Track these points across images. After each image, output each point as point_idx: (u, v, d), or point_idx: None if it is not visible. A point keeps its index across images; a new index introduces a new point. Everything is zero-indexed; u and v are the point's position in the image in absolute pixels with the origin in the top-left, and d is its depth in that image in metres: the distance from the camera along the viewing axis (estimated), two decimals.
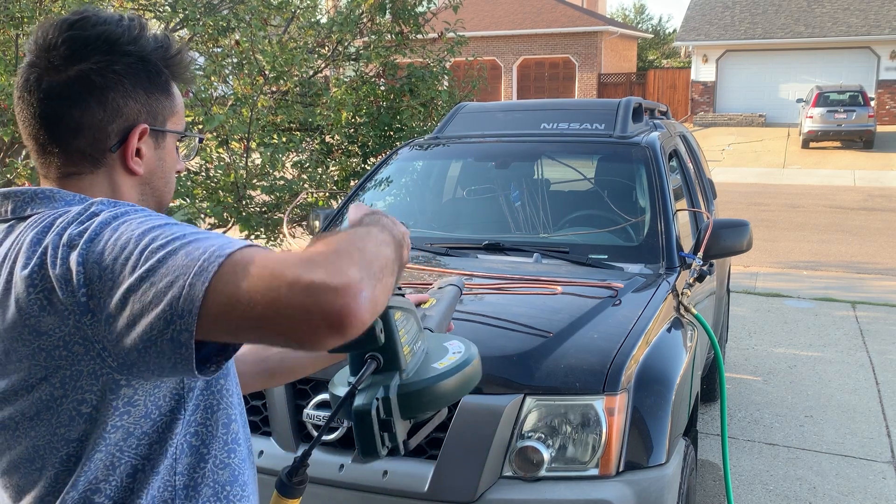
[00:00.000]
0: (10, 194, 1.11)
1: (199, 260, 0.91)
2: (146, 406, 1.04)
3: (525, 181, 4.02)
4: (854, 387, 5.41)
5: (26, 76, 1.13)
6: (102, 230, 0.98)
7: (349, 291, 0.87)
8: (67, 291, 0.96)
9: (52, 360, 1.00)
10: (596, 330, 2.58)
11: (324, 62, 7.54)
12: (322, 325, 0.87)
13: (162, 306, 0.91)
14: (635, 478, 2.30)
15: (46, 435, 1.04)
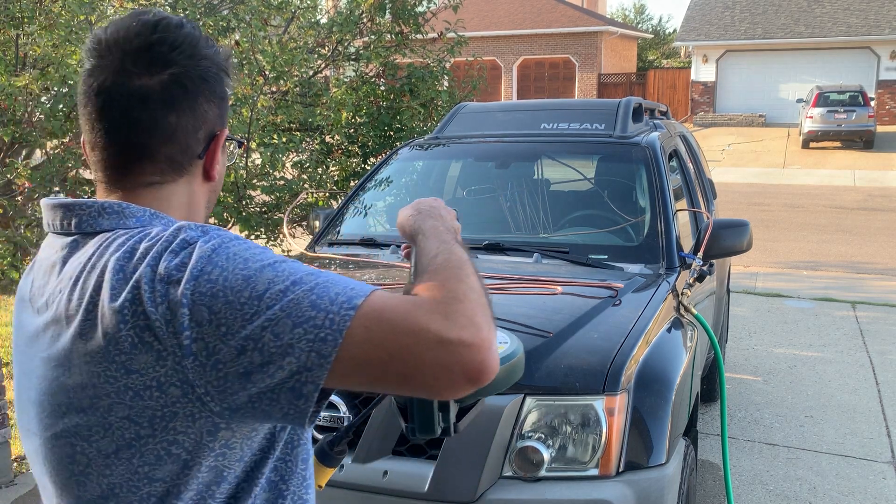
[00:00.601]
0: (75, 207, 1.05)
1: (328, 312, 0.89)
2: (242, 449, 1.00)
3: (525, 181, 4.02)
4: (854, 387, 5.41)
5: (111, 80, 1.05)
6: (205, 266, 0.93)
7: (484, 346, 0.89)
8: (168, 332, 0.92)
9: (140, 401, 0.94)
10: (596, 330, 2.58)
11: (324, 62, 7.54)
12: (461, 380, 0.88)
13: (288, 359, 0.89)
14: (635, 478, 2.30)
15: (126, 473, 0.98)
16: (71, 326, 0.98)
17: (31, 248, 5.61)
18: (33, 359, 1.05)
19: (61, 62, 5.25)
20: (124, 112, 1.05)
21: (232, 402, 0.93)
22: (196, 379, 0.92)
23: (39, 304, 1.06)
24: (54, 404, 1.00)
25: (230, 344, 0.90)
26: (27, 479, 3.98)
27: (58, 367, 0.99)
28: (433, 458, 2.33)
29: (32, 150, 6.79)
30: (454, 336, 0.88)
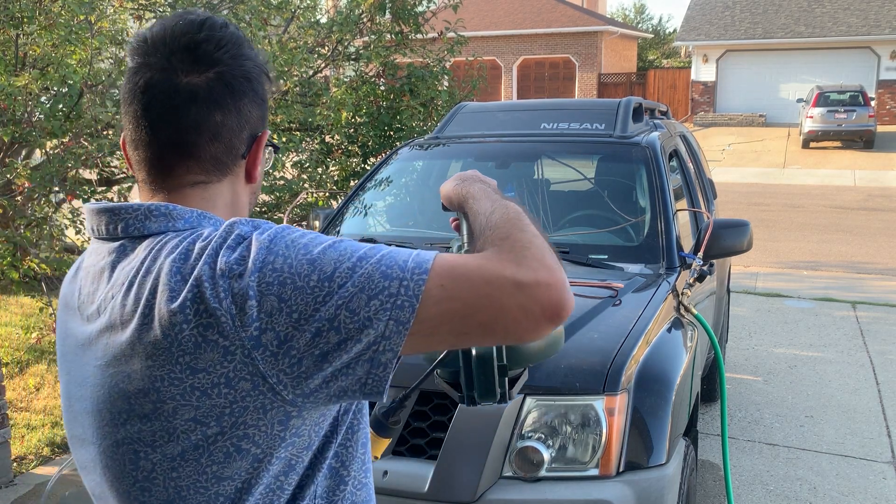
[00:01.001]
0: (121, 211, 1.03)
1: (401, 280, 0.90)
2: (310, 436, 1.01)
3: (525, 181, 4.02)
4: (854, 387, 5.40)
5: (157, 78, 1.03)
6: (266, 256, 0.92)
7: (559, 284, 0.92)
8: (235, 326, 0.91)
9: (208, 399, 0.94)
10: (596, 330, 2.58)
11: (324, 62, 7.54)
12: (542, 319, 0.91)
13: (367, 331, 0.90)
14: (635, 478, 2.30)
15: (193, 475, 0.98)
16: (127, 331, 0.97)
17: (31, 248, 5.61)
18: (86, 367, 1.03)
19: (61, 62, 5.25)
20: (170, 110, 1.03)
21: (306, 387, 0.93)
22: (267, 369, 0.92)
23: (90, 311, 1.04)
24: (114, 412, 0.99)
25: (304, 329, 0.90)
26: (27, 479, 3.98)
27: (116, 375, 0.98)
28: (433, 458, 2.33)
29: (32, 150, 6.79)
30: (530, 278, 0.90)
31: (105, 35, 5.84)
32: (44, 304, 5.79)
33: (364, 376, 0.92)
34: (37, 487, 3.89)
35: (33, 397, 4.95)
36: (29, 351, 5.66)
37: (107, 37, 5.87)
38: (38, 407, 4.80)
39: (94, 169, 5.62)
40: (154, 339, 0.94)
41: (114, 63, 5.64)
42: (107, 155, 5.31)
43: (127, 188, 5.90)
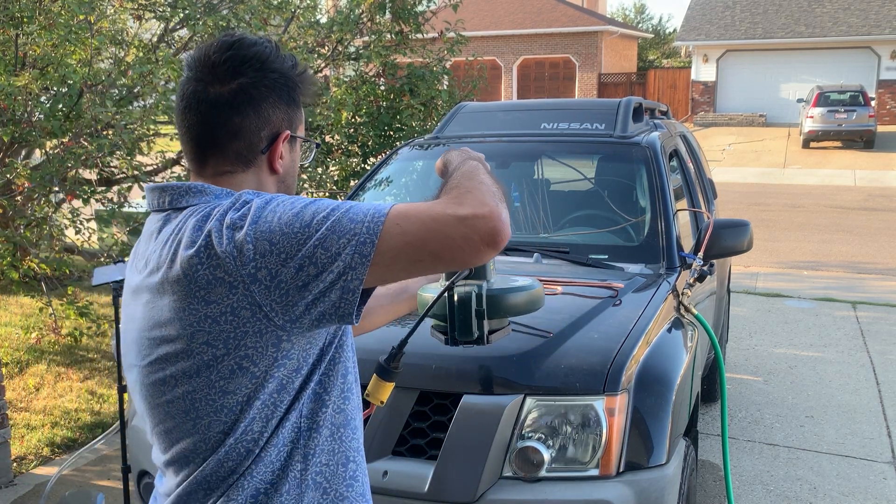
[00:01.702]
0: (168, 188, 1.31)
1: (364, 221, 1.14)
2: (298, 360, 1.24)
3: (525, 181, 4.01)
4: (854, 387, 5.40)
5: (193, 88, 1.31)
6: (262, 213, 1.17)
7: (494, 215, 1.13)
8: (237, 265, 1.15)
9: (217, 326, 1.19)
10: (596, 330, 2.58)
11: (324, 62, 7.54)
12: (482, 245, 1.12)
13: (339, 263, 1.13)
14: (635, 478, 2.29)
15: (205, 388, 1.22)
16: (159, 273, 1.23)
17: (31, 248, 5.60)
18: (136, 307, 1.30)
19: (61, 62, 5.25)
20: (200, 114, 1.30)
21: (293, 313, 1.17)
22: (262, 300, 1.16)
23: (140, 264, 1.31)
24: (150, 338, 1.26)
25: (290, 265, 1.14)
26: (27, 479, 3.98)
27: (153, 309, 1.25)
28: (433, 458, 2.32)
29: (32, 150, 6.79)
30: (469, 213, 1.13)
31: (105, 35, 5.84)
32: (44, 304, 5.79)
33: (337, 301, 1.15)
34: (37, 487, 3.89)
35: (33, 397, 4.95)
36: (29, 351, 5.66)
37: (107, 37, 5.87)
38: (38, 407, 4.80)
39: (94, 169, 5.62)
40: (177, 277, 1.20)
41: (114, 63, 5.64)
42: (107, 155, 5.31)
43: (127, 188, 5.89)
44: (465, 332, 1.37)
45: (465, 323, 1.37)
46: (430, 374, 2.40)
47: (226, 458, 1.25)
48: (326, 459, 1.30)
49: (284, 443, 1.26)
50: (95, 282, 3.31)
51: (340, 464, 1.33)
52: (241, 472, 1.26)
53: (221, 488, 1.26)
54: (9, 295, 7.23)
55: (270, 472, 1.26)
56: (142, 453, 2.85)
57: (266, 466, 1.26)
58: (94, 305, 5.95)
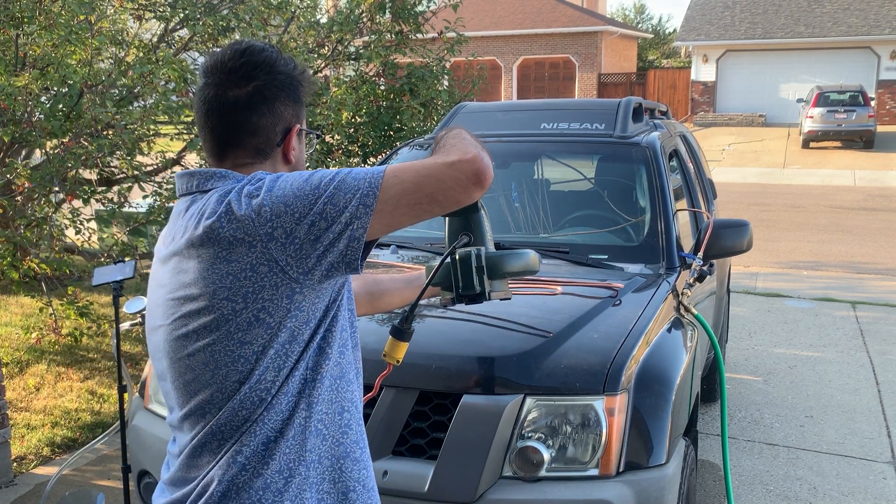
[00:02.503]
0: (196, 173, 1.47)
1: (365, 178, 1.32)
2: (307, 313, 1.38)
3: (525, 181, 4.01)
4: (854, 387, 5.40)
5: (213, 93, 1.46)
6: (275, 183, 1.34)
7: (476, 159, 1.34)
8: (255, 226, 1.32)
9: (237, 282, 1.33)
10: (596, 330, 2.58)
11: (324, 62, 7.54)
12: (469, 184, 1.33)
13: (345, 214, 1.30)
14: (635, 478, 2.30)
15: (224, 340, 1.36)
16: (185, 237, 1.39)
17: (31, 248, 5.60)
18: (163, 275, 1.45)
19: (61, 62, 5.25)
20: (221, 115, 1.46)
21: (306, 265, 1.33)
22: (279, 255, 1.32)
23: (168, 239, 1.47)
24: (175, 298, 1.40)
25: (303, 223, 1.31)
26: (27, 479, 3.98)
27: (180, 273, 1.40)
28: (433, 458, 2.33)
29: (32, 150, 6.79)
30: (455, 158, 1.33)
31: (105, 35, 5.84)
32: (44, 304, 5.79)
33: (344, 249, 1.32)
34: (37, 487, 3.89)
35: (33, 397, 4.95)
36: (29, 351, 5.66)
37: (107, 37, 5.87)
38: (38, 407, 4.80)
39: (94, 169, 5.62)
40: (201, 241, 1.36)
41: (114, 63, 5.63)
42: (107, 155, 5.31)
43: (127, 188, 5.89)
44: (468, 286, 1.53)
45: (467, 278, 1.52)
46: (430, 374, 2.40)
47: (240, 406, 1.38)
48: (326, 408, 1.43)
49: (293, 392, 1.39)
50: (95, 282, 3.31)
51: (337, 412, 1.45)
52: (253, 419, 1.38)
53: (235, 436, 1.39)
54: (9, 295, 7.23)
55: (279, 420, 1.38)
56: (142, 453, 2.85)
57: (276, 414, 1.38)
58: (95, 305, 5.95)
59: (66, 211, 5.45)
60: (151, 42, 6.98)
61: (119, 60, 5.57)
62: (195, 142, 5.43)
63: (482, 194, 1.36)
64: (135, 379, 4.79)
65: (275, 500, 1.38)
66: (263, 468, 1.38)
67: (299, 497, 1.40)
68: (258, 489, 1.38)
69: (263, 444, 1.38)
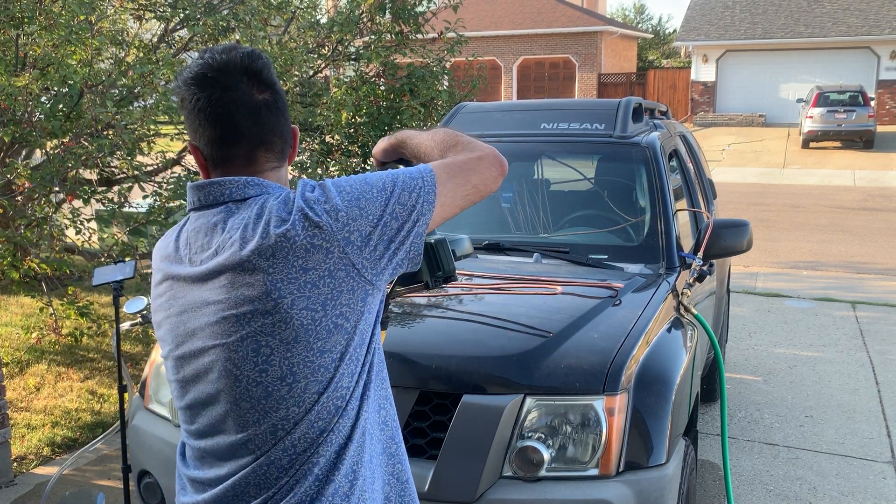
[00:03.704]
0: (225, 183, 1.41)
1: (421, 177, 1.43)
2: (369, 314, 1.41)
3: (525, 181, 4.02)
4: (854, 387, 5.41)
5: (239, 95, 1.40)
6: (339, 188, 1.38)
7: (493, 152, 1.54)
8: (333, 230, 1.33)
9: (316, 289, 1.33)
10: (596, 330, 2.58)
11: (324, 62, 7.54)
12: (499, 174, 1.53)
13: (413, 214, 1.39)
14: (635, 478, 2.30)
15: (304, 351, 1.34)
16: (247, 248, 1.33)
17: (31, 248, 5.60)
18: (203, 294, 1.38)
19: (61, 62, 5.24)
20: (254, 117, 1.41)
21: (379, 266, 1.38)
22: (356, 259, 1.35)
23: (204, 256, 1.39)
24: (238, 315, 1.34)
25: (377, 224, 1.36)
26: (27, 479, 3.99)
27: (239, 287, 1.34)
28: (433, 458, 2.33)
29: (32, 150, 6.79)
30: (480, 154, 1.53)
31: (105, 35, 5.84)
32: (44, 304, 5.79)
33: (409, 246, 1.40)
34: (37, 487, 3.89)
35: (33, 397, 4.95)
36: (29, 351, 5.66)
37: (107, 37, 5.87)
38: (38, 407, 4.80)
39: (94, 169, 5.62)
40: (272, 250, 1.32)
41: (114, 63, 5.63)
42: (107, 155, 5.31)
43: (127, 188, 5.89)
44: (450, 269, 1.70)
45: (448, 262, 1.70)
46: (430, 374, 2.40)
47: (317, 418, 1.36)
48: (372, 407, 1.46)
49: (359, 396, 1.40)
50: (96, 282, 3.31)
51: (376, 410, 1.48)
52: (329, 429, 1.37)
53: (311, 449, 1.36)
54: (9, 295, 7.24)
55: (349, 425, 1.39)
56: (142, 453, 2.86)
57: (347, 420, 1.39)
58: (95, 305, 5.95)
59: (67, 211, 5.45)
60: (151, 42, 6.98)
61: (119, 60, 5.57)
62: None
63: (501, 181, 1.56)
64: (135, 379, 4.79)
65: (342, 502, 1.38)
66: (334, 474, 1.37)
67: (361, 498, 1.40)
68: (329, 495, 1.37)
69: (336, 453, 1.38)
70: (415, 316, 2.78)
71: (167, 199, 5.43)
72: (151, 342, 5.96)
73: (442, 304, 2.90)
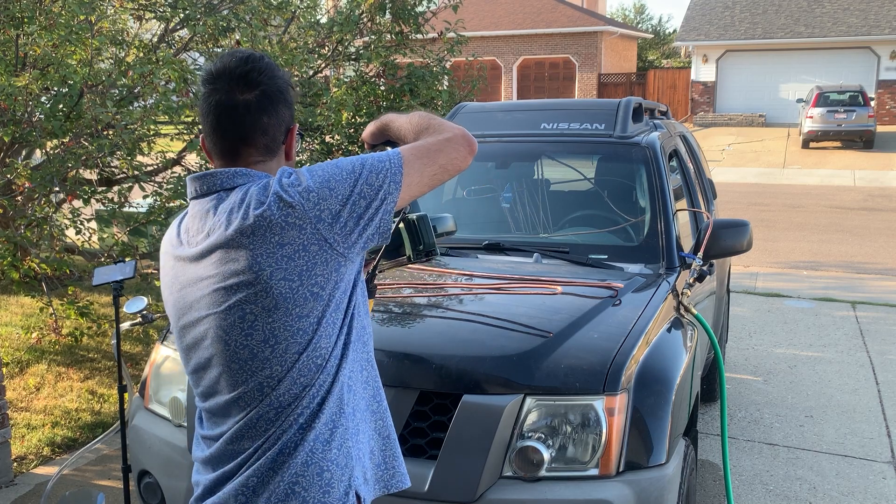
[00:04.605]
0: (217, 174, 1.59)
1: (389, 159, 1.57)
2: (347, 282, 1.57)
3: (525, 181, 4.02)
4: (854, 387, 5.41)
5: (224, 97, 1.59)
6: (312, 173, 1.53)
7: (461, 132, 1.66)
8: (304, 209, 1.49)
9: (291, 262, 1.49)
10: (596, 330, 2.58)
11: (324, 62, 7.54)
12: (467, 154, 1.65)
13: (380, 192, 1.53)
14: (635, 478, 2.30)
15: (284, 317, 1.51)
16: (231, 228, 1.52)
17: (31, 248, 5.60)
18: (199, 270, 1.57)
19: (61, 62, 5.24)
20: (233, 118, 1.59)
21: (350, 240, 1.53)
22: (327, 234, 1.51)
23: (199, 238, 1.58)
24: (227, 287, 1.53)
25: (346, 203, 1.51)
26: (27, 479, 3.99)
27: (228, 262, 1.52)
28: (433, 458, 2.33)
29: (32, 150, 6.79)
30: (450, 135, 1.65)
31: (105, 35, 5.84)
32: (44, 304, 5.78)
33: (379, 222, 1.55)
34: (37, 487, 3.89)
35: (33, 397, 4.95)
36: (29, 351, 5.66)
37: (107, 37, 5.87)
38: (38, 407, 4.80)
39: (95, 169, 5.61)
40: (253, 230, 1.50)
41: (114, 63, 5.63)
42: (107, 155, 5.31)
43: (127, 188, 5.89)
44: (431, 244, 1.80)
45: (429, 236, 1.80)
46: (430, 374, 2.40)
47: (299, 374, 1.53)
48: (353, 365, 1.61)
49: (338, 355, 1.57)
50: (96, 282, 3.31)
51: (360, 369, 1.64)
52: (311, 384, 1.54)
53: (294, 402, 1.54)
54: (9, 295, 7.24)
55: (329, 380, 1.56)
56: (142, 453, 2.86)
57: (328, 376, 1.56)
58: (95, 305, 5.95)
59: (67, 211, 5.45)
60: (151, 42, 6.97)
61: (119, 60, 5.57)
62: (195, 142, 5.43)
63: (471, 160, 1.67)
64: (135, 379, 4.79)
65: (324, 448, 1.56)
66: (315, 423, 1.55)
67: (343, 445, 1.58)
68: (310, 440, 1.55)
69: (318, 405, 1.55)
70: (415, 316, 2.78)
71: (167, 199, 5.43)
72: (151, 342, 5.96)
73: (442, 304, 2.90)
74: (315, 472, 1.55)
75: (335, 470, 1.57)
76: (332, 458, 1.57)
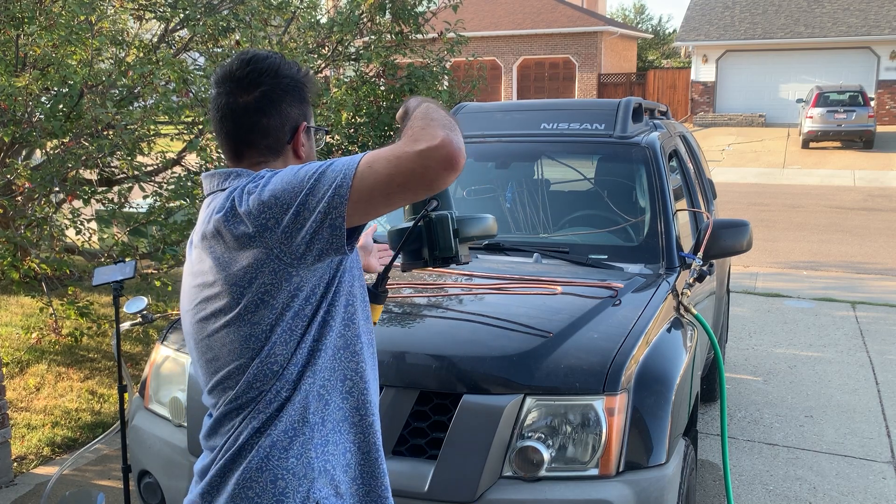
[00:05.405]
0: (218, 173, 1.63)
1: (342, 170, 1.41)
2: (307, 292, 1.52)
3: (525, 181, 4.02)
4: (854, 387, 5.41)
5: (225, 101, 1.62)
6: (270, 179, 1.48)
7: (443, 144, 1.36)
8: (252, 219, 1.46)
9: (241, 270, 1.49)
10: (596, 330, 2.58)
11: (324, 62, 7.54)
12: (441, 171, 1.36)
13: (322, 205, 1.40)
14: (635, 478, 2.30)
15: (236, 321, 1.52)
16: (199, 231, 1.57)
17: (31, 249, 5.60)
18: (190, 264, 1.62)
19: (61, 62, 5.24)
20: (234, 120, 1.62)
21: (296, 251, 1.46)
22: (273, 244, 1.46)
23: (196, 236, 1.61)
24: (195, 286, 1.59)
25: (289, 213, 1.43)
26: (27, 479, 3.99)
27: (198, 263, 1.58)
28: (433, 458, 2.33)
29: (32, 151, 6.79)
30: (423, 146, 1.36)
31: (105, 35, 5.83)
32: (44, 304, 5.79)
33: (329, 237, 1.42)
34: (37, 487, 3.89)
35: (33, 397, 4.96)
36: (29, 351, 5.66)
37: (107, 37, 5.87)
38: (38, 407, 4.80)
39: (95, 169, 5.62)
40: (213, 235, 1.52)
41: (114, 63, 5.63)
42: (107, 155, 5.31)
43: (127, 188, 5.89)
44: (447, 249, 1.60)
45: (445, 240, 1.60)
46: (430, 374, 2.40)
47: (255, 379, 1.54)
48: (328, 375, 1.58)
49: (301, 362, 1.54)
50: (96, 282, 3.31)
51: (339, 380, 1.60)
52: (266, 389, 1.54)
53: (251, 405, 1.55)
54: (9, 295, 7.24)
55: (289, 387, 1.54)
56: (142, 453, 2.86)
57: (286, 383, 1.54)
58: (95, 305, 5.95)
59: (67, 211, 5.45)
60: (151, 42, 6.97)
61: (119, 61, 5.57)
62: (195, 142, 5.43)
63: (456, 177, 1.39)
64: (135, 379, 4.79)
65: (281, 456, 1.55)
66: (272, 430, 1.55)
67: (304, 455, 1.56)
68: (266, 447, 1.55)
69: (276, 410, 1.55)
70: (415, 316, 2.78)
71: (167, 199, 5.43)
72: (151, 342, 5.96)
73: (442, 304, 2.91)
74: (269, 478, 1.55)
75: (290, 479, 1.55)
76: (288, 467, 1.55)
